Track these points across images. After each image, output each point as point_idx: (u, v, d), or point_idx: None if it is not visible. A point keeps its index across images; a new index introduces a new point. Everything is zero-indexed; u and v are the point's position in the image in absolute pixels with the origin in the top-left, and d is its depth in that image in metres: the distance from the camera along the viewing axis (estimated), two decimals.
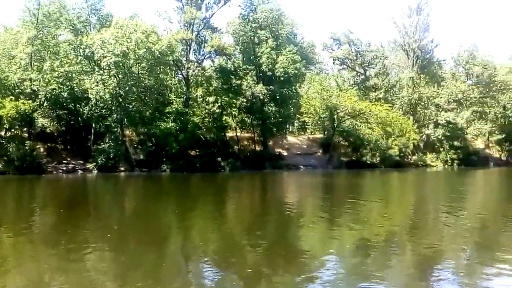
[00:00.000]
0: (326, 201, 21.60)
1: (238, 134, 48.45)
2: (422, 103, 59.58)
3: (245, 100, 43.98)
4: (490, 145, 63.65)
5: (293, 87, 46.78)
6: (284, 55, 43.94)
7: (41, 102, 37.74)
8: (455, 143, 56.17)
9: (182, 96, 44.47)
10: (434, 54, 62.95)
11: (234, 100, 44.24)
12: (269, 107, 44.91)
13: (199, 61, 46.29)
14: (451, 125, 55.65)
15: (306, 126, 56.09)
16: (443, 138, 56.38)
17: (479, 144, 63.18)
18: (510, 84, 58.42)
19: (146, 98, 40.25)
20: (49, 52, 39.07)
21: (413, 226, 14.15)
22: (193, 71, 43.81)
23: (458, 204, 19.60)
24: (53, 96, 37.47)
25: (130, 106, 39.22)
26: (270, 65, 43.92)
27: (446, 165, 55.02)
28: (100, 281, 7.81)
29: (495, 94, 59.53)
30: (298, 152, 50.47)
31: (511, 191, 27.02)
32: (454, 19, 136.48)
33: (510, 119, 61.16)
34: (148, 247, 10.52)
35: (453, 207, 18.48)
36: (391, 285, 7.96)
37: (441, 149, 57.09)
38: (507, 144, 61.07)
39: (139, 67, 38.54)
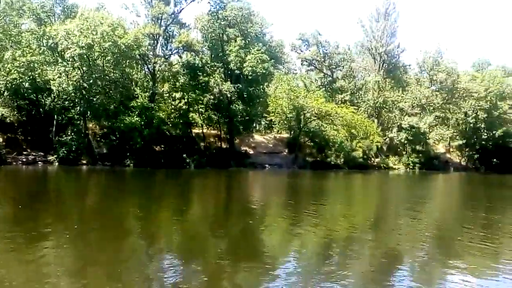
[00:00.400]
0: (289, 201, 21.86)
1: (205, 131, 48.32)
2: (387, 107, 60.91)
3: (212, 97, 43.89)
4: (451, 150, 65.73)
5: (261, 86, 46.97)
6: (252, 54, 44.05)
7: (1, 91, 36.70)
8: (417, 147, 57.81)
9: (148, 90, 43.98)
10: (400, 59, 64.61)
11: (201, 97, 44.07)
12: (236, 105, 44.97)
13: (166, 56, 45.97)
14: (414, 129, 57.07)
15: (273, 125, 56.45)
16: (406, 141, 57.84)
17: (440, 148, 65.22)
18: (472, 92, 60.35)
19: (111, 91, 39.61)
20: (10, 41, 37.91)
21: (373, 227, 14.59)
22: (160, 66, 43.47)
23: (417, 207, 20.22)
24: (13, 86, 36.38)
25: (94, 99, 38.52)
26: (238, 64, 43.96)
27: (408, 168, 56.52)
28: (58, 276, 7.72)
29: (458, 100, 61.38)
30: (264, 151, 50.78)
31: (469, 197, 27.92)
32: (420, 25, 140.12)
33: (471, 125, 63.21)
34: (108, 242, 10.54)
35: (412, 210, 19.09)
36: (350, 284, 8.17)
37: (404, 152, 58.61)
38: (467, 149, 63.18)
39: (104, 60, 37.90)
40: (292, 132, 54.06)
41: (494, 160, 61.50)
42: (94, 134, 40.26)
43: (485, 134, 61.65)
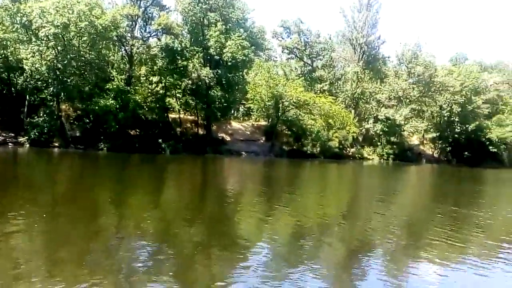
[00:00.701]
0: (264, 188, 21.93)
1: (181, 116, 47.90)
2: (364, 98, 61.38)
3: (190, 82, 43.31)
4: (424, 142, 66.94)
5: (241, 72, 46.65)
6: (233, 40, 43.62)
7: None
8: (392, 138, 58.57)
9: (124, 73, 43.15)
10: (379, 51, 65.00)
11: (179, 82, 43.52)
12: (215, 91, 44.56)
13: (145, 39, 45.12)
14: (389, 121, 57.76)
15: (251, 113, 56.34)
16: (381, 133, 58.54)
17: (414, 140, 66.33)
18: (448, 86, 61.28)
19: (86, 73, 38.66)
20: None
21: (345, 217, 14.85)
22: (138, 48, 42.63)
23: (389, 198, 20.71)
24: None
25: (68, 80, 37.53)
26: (218, 49, 43.51)
27: (382, 159, 57.38)
28: (27, 260, 7.64)
29: (433, 94, 62.23)
30: (241, 138, 50.71)
31: (439, 190, 28.54)
32: (400, 18, 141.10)
33: (445, 118, 64.39)
34: (79, 227, 10.36)
35: (384, 201, 19.56)
36: (321, 272, 8.27)
37: (379, 143, 59.31)
38: (440, 142, 64.47)
39: (80, 41, 36.92)
40: (270, 120, 54.06)
41: (466, 153, 62.94)
42: (67, 116, 39.41)
43: (458, 127, 62.97)
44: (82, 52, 37.34)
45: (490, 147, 63.57)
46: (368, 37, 62.07)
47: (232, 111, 55.26)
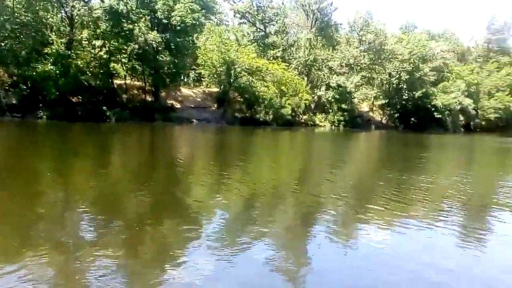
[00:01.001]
0: (217, 156, 21.49)
1: (128, 82, 45.78)
2: (317, 65, 61.34)
3: (137, 47, 41.16)
4: (374, 109, 68.33)
5: (190, 37, 45.00)
6: (182, 2, 41.78)
7: None
8: (343, 105, 59.18)
9: (64, 37, 40.42)
10: (332, 18, 64.59)
11: (124, 46, 41.38)
12: (163, 56, 42.80)
13: (86, 0, 42.18)
14: (341, 88, 58.29)
15: (202, 79, 54.93)
16: (332, 100, 59.03)
17: (364, 107, 67.51)
18: (397, 53, 62.29)
19: (22, 36, 35.98)
20: None
21: (297, 183, 14.67)
22: (79, 10, 39.80)
23: (339, 164, 20.96)
24: None
25: (2, 44, 34.83)
26: (166, 12, 41.59)
27: (333, 126, 58.07)
28: None
29: (383, 61, 63.18)
30: (192, 105, 49.49)
31: (386, 155, 29.07)
32: None
33: (394, 85, 65.83)
34: (17, 200, 9.58)
35: (335, 166, 19.79)
36: (272, 238, 8.15)
37: (330, 110, 59.83)
38: (388, 108, 66.10)
39: (15, 1, 34.15)
40: (221, 87, 52.93)
41: (413, 119, 65.00)
42: (1, 83, 36.55)
43: (406, 94, 64.78)
44: (17, 14, 34.59)
45: (435, 113, 66.03)
46: (320, 3, 61.45)
47: (182, 77, 53.73)
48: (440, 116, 66.40)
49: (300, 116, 56.17)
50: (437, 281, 6.61)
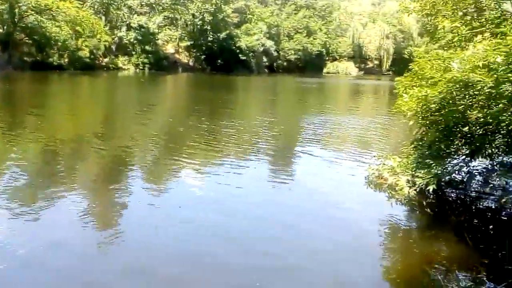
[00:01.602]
0: (4, 109, 18.77)
1: None
2: (115, 4, 57.20)
3: None
4: (180, 51, 67.78)
5: None
6: None
7: None
8: (147, 47, 57.18)
9: None
10: None
11: None
12: None
13: None
14: (143, 29, 56.10)
15: None
16: (135, 41, 56.56)
17: (169, 49, 66.34)
18: None
19: None
20: None
21: (102, 135, 13.92)
22: None
23: (145, 111, 20.47)
24: None
25: None
26: None
27: (138, 69, 56.12)
28: None
29: (185, 2, 62.38)
30: None
31: (193, 99, 29.60)
32: None
33: (198, 27, 65.76)
34: None
35: (140, 114, 19.28)
36: (76, 193, 7.73)
37: (133, 52, 57.25)
38: (194, 50, 66.43)
39: None
40: (5, 28, 45.78)
41: (219, 61, 66.60)
42: None
43: (211, 36, 65.53)
44: None
45: (240, 55, 68.67)
46: None
47: None
48: (245, 58, 69.21)
49: (101, 59, 52.74)
50: (254, 215, 7.28)
